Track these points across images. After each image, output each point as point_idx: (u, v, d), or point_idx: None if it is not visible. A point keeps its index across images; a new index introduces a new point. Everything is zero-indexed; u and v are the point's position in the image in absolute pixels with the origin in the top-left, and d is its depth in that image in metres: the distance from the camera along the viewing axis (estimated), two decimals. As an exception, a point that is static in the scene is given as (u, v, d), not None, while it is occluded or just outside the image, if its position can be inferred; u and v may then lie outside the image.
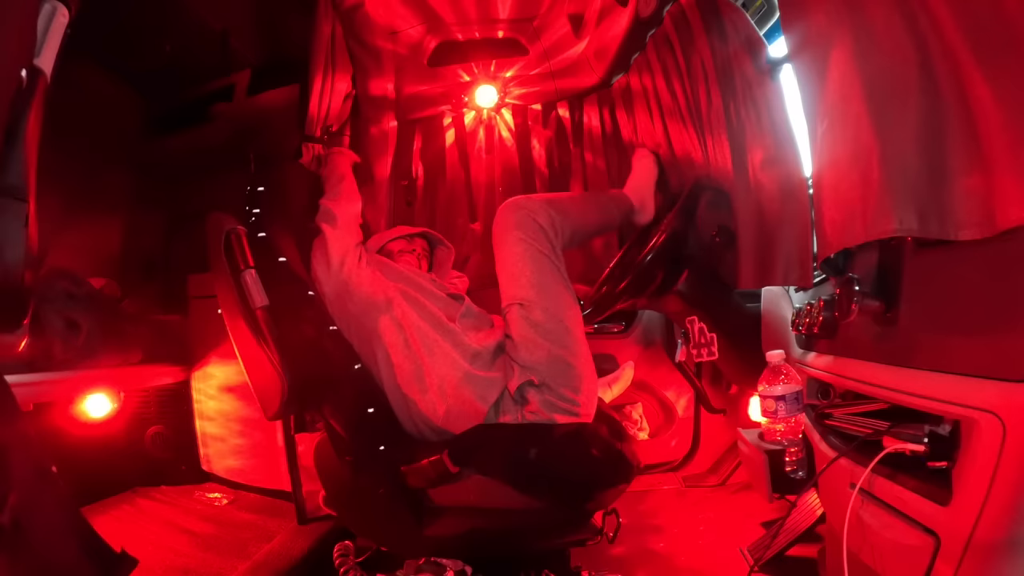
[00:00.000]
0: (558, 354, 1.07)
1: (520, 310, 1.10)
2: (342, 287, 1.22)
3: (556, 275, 1.12)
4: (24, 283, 0.64)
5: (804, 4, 0.77)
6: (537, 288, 1.10)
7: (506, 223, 1.16)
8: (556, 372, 1.06)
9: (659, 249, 1.24)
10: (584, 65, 1.81)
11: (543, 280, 1.11)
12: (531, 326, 1.08)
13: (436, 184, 2.06)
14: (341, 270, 1.22)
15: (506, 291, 1.13)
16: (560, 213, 1.17)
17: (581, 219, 1.25)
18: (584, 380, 1.09)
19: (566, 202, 1.26)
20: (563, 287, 1.13)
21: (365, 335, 1.19)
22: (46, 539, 0.70)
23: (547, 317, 1.08)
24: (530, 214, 1.14)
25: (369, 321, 1.18)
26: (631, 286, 1.28)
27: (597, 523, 1.09)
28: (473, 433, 1.05)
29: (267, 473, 1.74)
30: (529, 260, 1.12)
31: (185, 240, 2.05)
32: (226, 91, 1.97)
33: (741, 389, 1.70)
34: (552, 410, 1.06)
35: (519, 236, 1.13)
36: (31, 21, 0.64)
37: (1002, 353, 0.52)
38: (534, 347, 1.07)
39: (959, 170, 0.58)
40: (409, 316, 1.17)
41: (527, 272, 1.11)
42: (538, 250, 1.12)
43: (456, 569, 1.02)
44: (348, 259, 1.24)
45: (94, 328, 1.52)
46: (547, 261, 1.12)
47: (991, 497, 0.53)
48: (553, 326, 1.08)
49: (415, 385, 1.12)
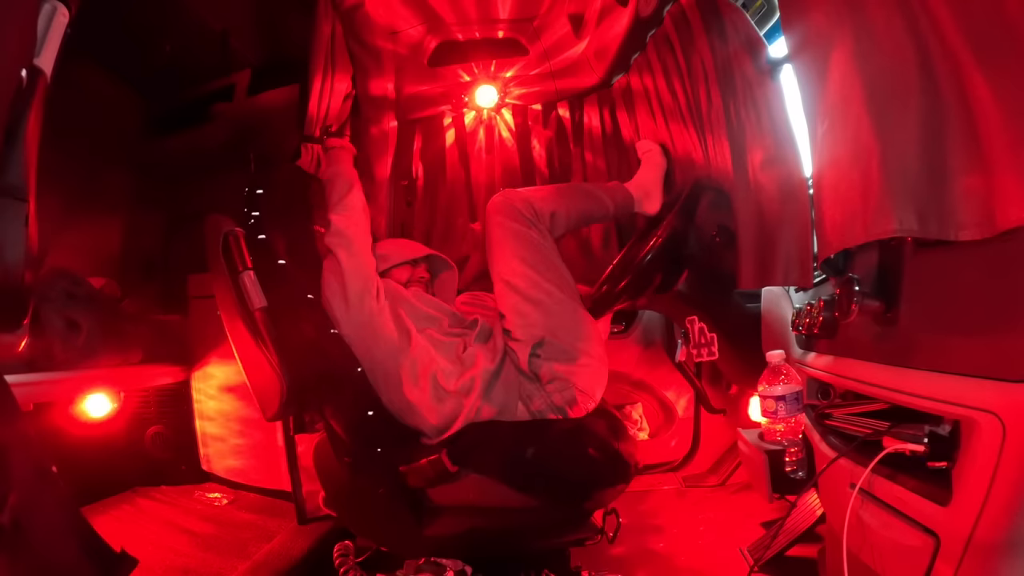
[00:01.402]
0: (550, 309, 1.13)
1: (504, 285, 1.17)
2: (365, 329, 1.17)
3: (539, 248, 1.19)
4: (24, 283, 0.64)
5: (804, 4, 0.77)
6: (518, 259, 1.17)
7: (489, 216, 1.24)
8: (553, 327, 1.13)
9: (659, 249, 1.24)
10: (584, 65, 1.81)
11: (524, 253, 1.18)
12: (516, 293, 1.15)
13: (436, 184, 2.05)
14: (362, 308, 1.17)
15: (493, 267, 1.20)
16: (540, 200, 1.24)
17: (563, 205, 1.28)
18: (583, 327, 1.16)
19: (547, 190, 1.33)
20: (547, 257, 1.19)
21: (392, 379, 1.14)
22: (46, 539, 0.70)
23: (530, 284, 1.15)
24: (509, 201, 1.22)
25: (393, 364, 1.14)
26: (631, 286, 1.28)
27: (597, 523, 1.09)
28: (471, 432, 1.05)
29: (267, 473, 1.74)
30: (510, 238, 1.19)
31: (185, 240, 2.04)
32: (226, 91, 1.97)
33: (741, 389, 1.70)
34: (567, 361, 1.11)
35: (499, 220, 1.21)
36: (31, 21, 0.64)
37: (1002, 353, 0.52)
38: (524, 313, 1.13)
39: (959, 170, 0.58)
40: (429, 354, 1.15)
41: (507, 249, 1.19)
42: (518, 229, 1.19)
43: (456, 569, 1.02)
44: (367, 296, 1.18)
45: (94, 328, 1.52)
46: (528, 237, 1.19)
47: (991, 497, 0.53)
48: (537, 292, 1.14)
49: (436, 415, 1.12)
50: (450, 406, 1.09)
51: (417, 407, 1.11)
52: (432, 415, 1.10)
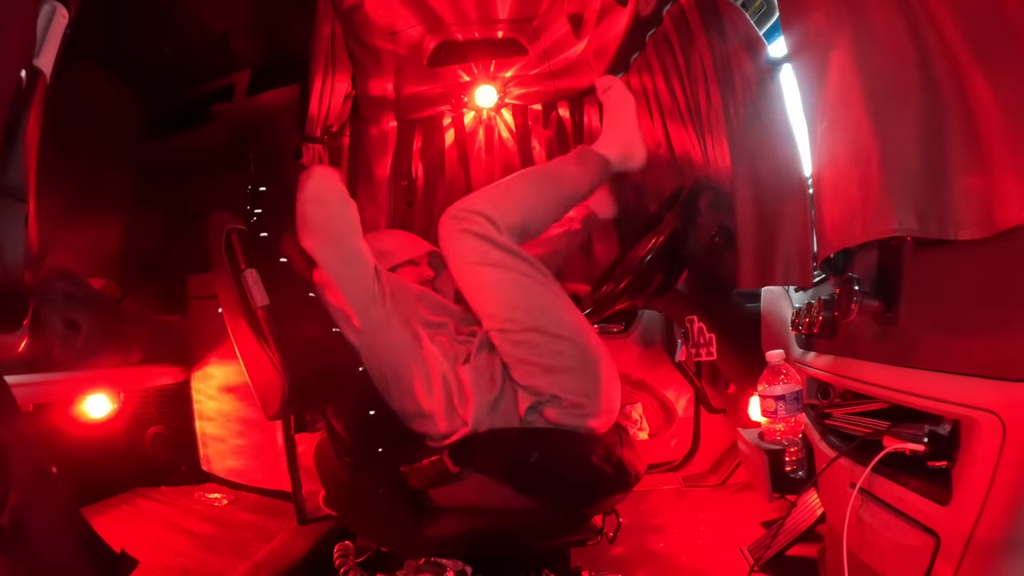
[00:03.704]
0: (556, 364, 1.01)
1: (501, 336, 1.03)
2: (374, 338, 1.08)
3: (522, 282, 1.02)
4: (24, 283, 0.64)
5: (804, 4, 0.77)
6: (508, 307, 1.01)
7: (446, 247, 1.05)
8: (562, 381, 1.01)
9: (659, 249, 1.24)
10: (584, 65, 1.81)
11: (509, 298, 1.02)
12: (516, 347, 1.02)
13: (436, 184, 2.06)
14: (368, 319, 1.07)
15: (481, 320, 1.06)
16: (498, 210, 1.04)
17: (528, 206, 1.10)
18: (598, 377, 1.02)
19: (503, 192, 1.11)
20: (534, 292, 1.02)
21: (405, 387, 1.08)
22: (46, 539, 0.70)
23: (529, 334, 1.01)
24: (466, 228, 1.02)
25: (405, 371, 1.07)
26: (631, 286, 1.28)
27: (597, 523, 1.09)
28: (474, 434, 1.05)
29: (267, 473, 1.74)
30: (486, 283, 1.02)
31: (185, 240, 2.05)
32: (226, 91, 1.98)
33: (741, 389, 1.70)
34: (574, 419, 1.02)
35: (464, 262, 1.03)
36: (31, 21, 0.64)
37: (1002, 353, 0.52)
38: (528, 367, 1.01)
39: (959, 169, 0.58)
40: (440, 362, 1.08)
41: (489, 298, 1.03)
42: (491, 266, 1.01)
43: (456, 569, 1.02)
44: (373, 305, 1.07)
45: (94, 328, 1.52)
46: (505, 273, 1.02)
47: (991, 497, 0.53)
48: (539, 339, 1.01)
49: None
50: (460, 415, 1.06)
51: (432, 415, 1.06)
52: (443, 423, 1.07)
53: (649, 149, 1.40)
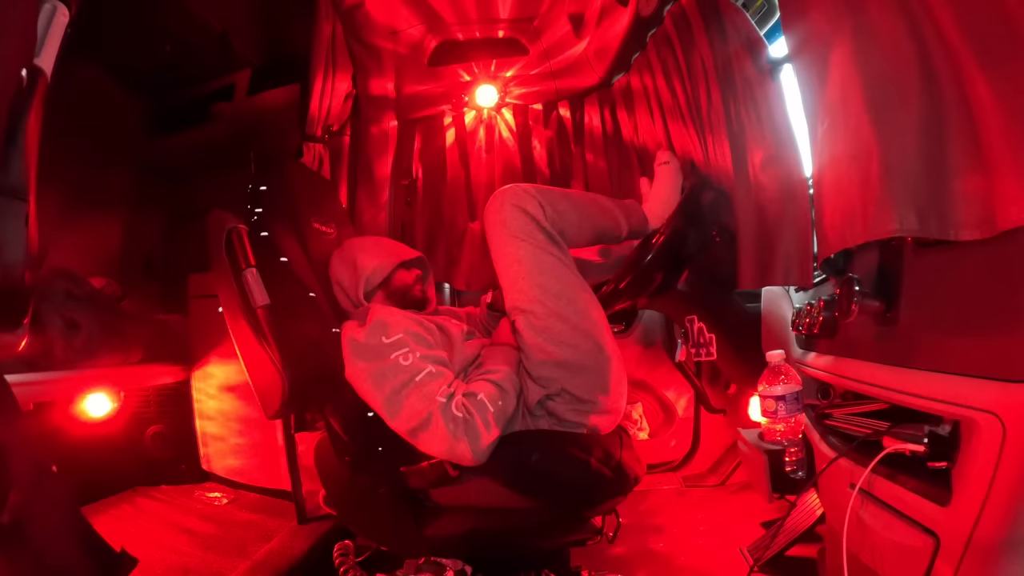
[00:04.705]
0: (571, 358, 1.01)
1: (524, 317, 1.04)
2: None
3: (557, 268, 1.05)
4: (24, 282, 0.64)
5: (804, 4, 0.77)
6: (539, 289, 1.03)
7: (494, 219, 1.07)
8: (573, 376, 1.02)
9: (659, 249, 1.24)
10: (584, 65, 1.81)
11: (543, 280, 1.03)
12: (538, 333, 1.02)
13: (436, 184, 2.06)
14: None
15: (508, 296, 1.07)
16: (550, 204, 1.08)
17: (576, 215, 1.14)
18: (608, 377, 1.03)
19: (560, 194, 1.14)
20: (567, 280, 1.05)
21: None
22: (46, 539, 0.70)
23: (553, 321, 1.02)
24: (518, 204, 1.06)
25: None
26: (631, 286, 1.28)
27: (597, 523, 1.09)
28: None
29: (267, 473, 1.74)
30: (525, 259, 1.04)
31: (185, 240, 2.05)
32: (226, 91, 1.98)
33: (741, 389, 1.70)
34: (579, 416, 1.03)
35: (509, 234, 1.05)
36: (31, 21, 0.64)
37: (1002, 353, 0.52)
38: (546, 355, 1.02)
39: (959, 170, 0.58)
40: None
41: (524, 273, 1.04)
42: (532, 245, 1.04)
43: (456, 569, 1.02)
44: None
45: (94, 328, 1.52)
46: (544, 255, 1.04)
47: (991, 497, 0.53)
48: (561, 328, 1.02)
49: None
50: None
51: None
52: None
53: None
